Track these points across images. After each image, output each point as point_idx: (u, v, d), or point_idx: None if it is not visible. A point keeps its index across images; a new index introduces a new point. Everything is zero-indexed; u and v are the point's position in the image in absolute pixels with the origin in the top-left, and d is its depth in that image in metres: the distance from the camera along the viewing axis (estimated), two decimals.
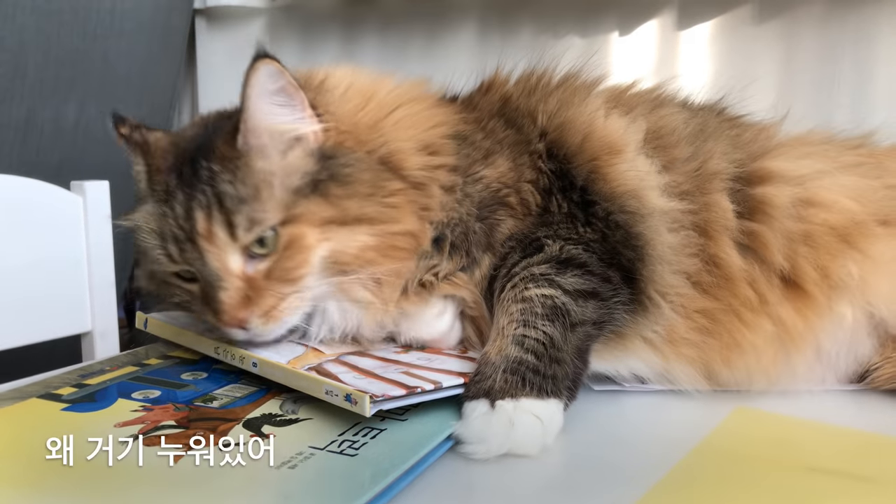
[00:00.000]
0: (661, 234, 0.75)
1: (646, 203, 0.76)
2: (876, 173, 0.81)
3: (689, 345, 0.75)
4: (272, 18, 1.86)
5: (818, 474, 0.60)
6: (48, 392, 0.70)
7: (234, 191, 0.68)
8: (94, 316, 1.17)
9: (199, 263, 0.70)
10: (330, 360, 0.70)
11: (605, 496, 0.57)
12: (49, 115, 1.50)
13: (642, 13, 1.52)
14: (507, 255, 0.75)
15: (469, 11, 1.67)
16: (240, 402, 0.68)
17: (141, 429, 0.62)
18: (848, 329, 0.77)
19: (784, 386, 0.76)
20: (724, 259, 0.75)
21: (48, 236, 1.12)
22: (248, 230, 0.68)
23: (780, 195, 0.77)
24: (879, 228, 0.77)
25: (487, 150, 0.79)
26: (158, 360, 0.79)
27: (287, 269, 0.69)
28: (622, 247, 0.74)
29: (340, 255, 0.70)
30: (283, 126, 0.70)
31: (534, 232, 0.75)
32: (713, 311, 0.75)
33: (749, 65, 1.42)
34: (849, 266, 0.75)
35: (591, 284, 0.71)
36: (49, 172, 1.15)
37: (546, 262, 0.72)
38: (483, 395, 0.64)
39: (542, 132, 0.80)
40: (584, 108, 0.81)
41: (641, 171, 0.77)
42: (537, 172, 0.78)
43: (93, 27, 1.54)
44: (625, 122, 0.81)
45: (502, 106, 0.84)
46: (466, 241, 0.75)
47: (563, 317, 0.69)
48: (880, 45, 1.34)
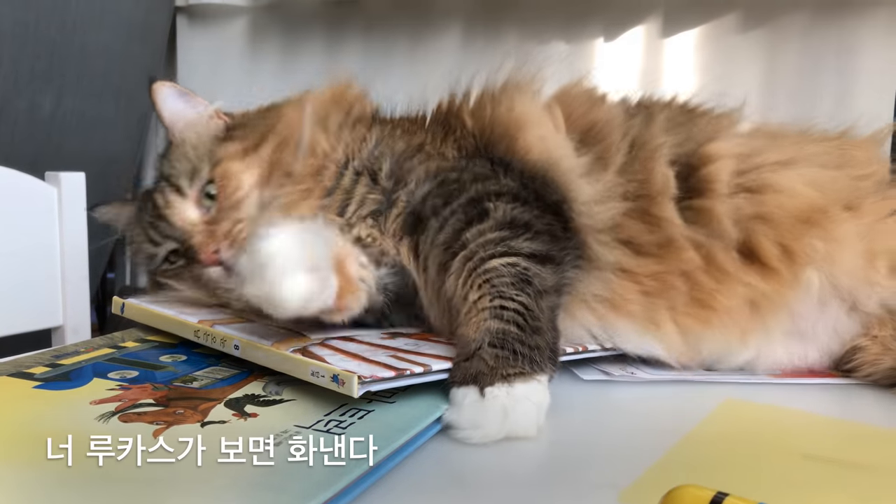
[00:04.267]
0: (578, 184, 0.78)
1: (558, 162, 0.79)
2: (839, 162, 0.83)
3: (636, 305, 0.77)
4: (254, 18, 1.85)
5: (813, 461, 0.59)
6: (20, 371, 0.67)
7: (172, 168, 0.84)
8: (65, 310, 1.15)
9: (170, 230, 0.83)
10: (315, 344, 0.68)
11: (596, 483, 0.56)
12: (24, 105, 1.48)
13: (628, 20, 1.53)
14: (429, 197, 0.77)
15: (454, 15, 1.67)
16: (221, 384, 0.66)
17: (118, 406, 0.59)
18: (815, 294, 0.78)
19: (762, 351, 0.78)
20: (665, 219, 0.77)
21: (20, 227, 1.10)
22: (190, 185, 0.82)
23: (721, 169, 0.79)
24: (844, 213, 0.80)
25: (410, 129, 0.86)
26: (135, 344, 0.77)
27: (228, 198, 0.81)
28: (543, 191, 0.76)
29: (260, 171, 0.82)
30: (193, 115, 0.88)
31: (459, 180, 0.77)
32: (662, 274, 0.77)
33: (733, 72, 1.42)
34: (814, 243, 0.78)
35: (542, 246, 0.71)
36: (23, 164, 1.12)
37: (497, 229, 0.72)
38: (472, 381, 0.62)
39: (472, 134, 0.85)
40: (510, 103, 0.84)
41: (549, 139, 0.81)
42: (459, 145, 0.83)
43: (72, 19, 1.51)
44: (540, 106, 0.84)
45: (440, 115, 0.89)
46: (372, 171, 0.81)
47: (529, 284, 0.68)
48: (862, 56, 1.36)
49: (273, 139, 0.84)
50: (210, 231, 0.80)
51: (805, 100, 1.39)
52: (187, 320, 0.75)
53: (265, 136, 0.84)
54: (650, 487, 0.52)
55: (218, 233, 0.79)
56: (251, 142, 0.84)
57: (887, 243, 0.79)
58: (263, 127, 0.86)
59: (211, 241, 0.79)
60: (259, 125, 0.86)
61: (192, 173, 0.82)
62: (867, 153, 0.86)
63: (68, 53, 1.53)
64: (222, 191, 0.81)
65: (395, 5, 1.72)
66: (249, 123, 0.87)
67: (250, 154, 0.83)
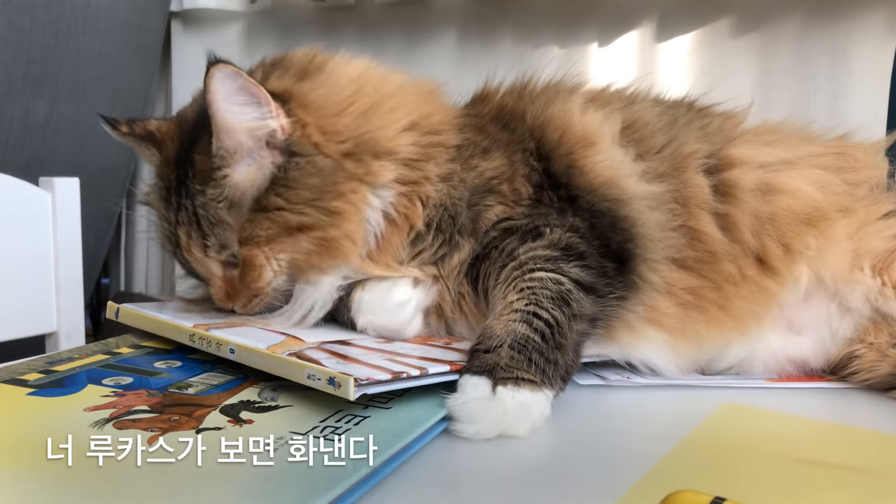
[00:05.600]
0: (645, 213, 0.77)
1: (625, 190, 0.78)
2: (838, 165, 0.85)
3: (672, 318, 0.77)
4: (249, 23, 1.84)
5: (810, 465, 0.59)
6: (13, 377, 0.66)
7: (206, 213, 0.74)
8: (59, 316, 1.14)
9: (188, 264, 0.80)
10: (311, 348, 0.68)
11: (595, 487, 0.55)
12: (18, 112, 1.47)
13: (622, 24, 1.53)
14: (494, 240, 0.76)
15: (449, 19, 1.67)
16: (216, 390, 0.65)
17: (112, 413, 0.59)
18: (803, 287, 0.80)
19: (757, 345, 0.80)
20: (706, 233, 0.78)
21: (14, 233, 1.09)
22: (218, 252, 0.76)
23: (745, 178, 0.81)
24: (838, 215, 0.82)
25: (485, 147, 0.81)
26: (130, 350, 0.76)
27: (248, 282, 0.76)
28: (610, 231, 0.76)
29: (292, 263, 0.75)
30: (250, 123, 0.73)
31: (528, 221, 0.76)
32: (697, 289, 0.77)
33: (727, 76, 1.42)
34: (808, 240, 0.80)
35: (589, 277, 0.72)
36: (17, 169, 1.11)
37: (549, 247, 0.73)
38: (486, 373, 0.63)
39: (530, 131, 0.83)
40: (562, 106, 0.84)
41: (616, 161, 0.80)
42: (530, 169, 0.80)
43: (66, 24, 1.51)
44: (600, 116, 0.83)
45: (497, 112, 0.86)
46: (452, 226, 0.77)
47: (567, 305, 0.69)
48: (855, 61, 1.36)
49: (310, 242, 0.74)
50: (228, 293, 0.78)
51: (799, 103, 1.39)
52: (182, 325, 0.74)
53: (305, 228, 0.73)
54: (648, 492, 0.52)
55: (235, 300, 0.78)
56: (286, 226, 0.73)
57: (873, 244, 0.81)
58: (308, 210, 0.73)
59: (227, 301, 0.78)
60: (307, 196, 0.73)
61: (221, 244, 0.75)
62: (866, 157, 0.88)
63: (63, 59, 1.52)
64: (244, 271, 0.76)
65: (390, 10, 1.71)
66: (301, 182, 0.73)
67: (282, 240, 0.74)
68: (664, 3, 1.50)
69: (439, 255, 0.77)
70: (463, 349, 0.71)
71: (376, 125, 0.77)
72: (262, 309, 0.78)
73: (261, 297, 0.77)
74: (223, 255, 0.76)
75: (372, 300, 0.76)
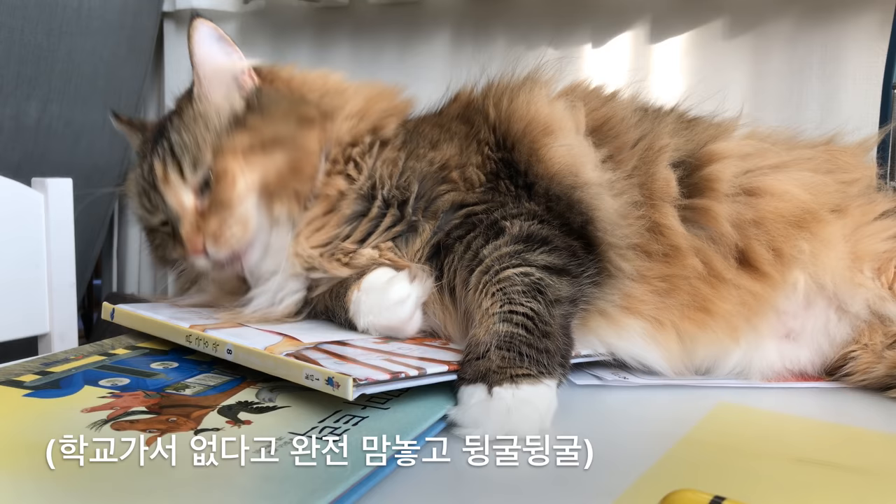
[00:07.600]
0: (603, 199, 0.78)
1: (580, 176, 0.79)
2: (828, 168, 0.85)
3: (648, 305, 0.77)
4: (243, 23, 1.84)
5: (806, 465, 0.59)
6: (8, 379, 0.66)
7: (180, 138, 0.81)
8: (52, 317, 1.13)
9: (163, 206, 0.82)
10: (308, 348, 0.68)
11: (592, 488, 0.55)
12: (10, 112, 1.46)
13: (615, 26, 1.54)
14: (455, 228, 0.77)
15: (443, 20, 1.67)
16: (213, 391, 0.65)
17: (110, 414, 0.59)
18: (801, 294, 0.80)
19: (753, 353, 0.79)
20: (669, 227, 0.78)
21: (6, 233, 1.08)
22: (193, 172, 0.80)
23: (725, 171, 0.81)
24: (830, 216, 0.82)
25: (436, 139, 0.84)
26: (126, 351, 0.76)
27: (221, 198, 0.79)
28: (568, 212, 0.77)
29: (263, 179, 0.79)
30: (225, 63, 0.84)
31: (484, 208, 0.77)
32: (670, 277, 0.78)
33: (720, 78, 1.43)
34: (801, 244, 0.80)
35: (559, 260, 0.72)
36: (9, 170, 1.11)
37: (513, 243, 0.73)
38: (480, 379, 0.63)
39: (493, 126, 0.84)
40: (527, 97, 0.84)
41: (574, 148, 0.80)
42: (483, 158, 0.82)
43: (58, 24, 1.50)
44: (563, 105, 0.84)
45: (464, 110, 0.88)
46: (401, 200, 0.80)
47: (542, 293, 0.69)
48: (847, 62, 1.37)
49: (284, 155, 0.80)
50: (198, 225, 0.79)
51: (791, 105, 1.40)
52: (178, 325, 0.74)
53: (278, 142, 0.80)
54: (646, 492, 0.52)
55: (206, 229, 0.79)
56: (261, 139, 0.80)
57: (872, 246, 0.81)
58: (282, 127, 0.81)
59: (198, 236, 0.79)
60: (279, 118, 0.82)
61: (196, 161, 0.80)
62: (854, 159, 0.88)
63: (55, 59, 1.52)
64: (216, 186, 0.79)
65: (383, 10, 1.72)
66: (272, 108, 0.82)
67: (256, 154, 0.80)
68: (657, 5, 1.51)
69: (395, 232, 0.79)
70: (459, 349, 0.71)
71: (333, 103, 0.85)
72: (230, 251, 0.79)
73: (232, 212, 0.78)
74: (198, 174, 0.80)
75: (370, 300, 0.76)
